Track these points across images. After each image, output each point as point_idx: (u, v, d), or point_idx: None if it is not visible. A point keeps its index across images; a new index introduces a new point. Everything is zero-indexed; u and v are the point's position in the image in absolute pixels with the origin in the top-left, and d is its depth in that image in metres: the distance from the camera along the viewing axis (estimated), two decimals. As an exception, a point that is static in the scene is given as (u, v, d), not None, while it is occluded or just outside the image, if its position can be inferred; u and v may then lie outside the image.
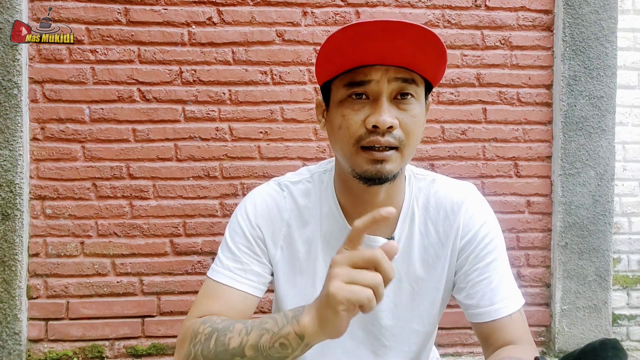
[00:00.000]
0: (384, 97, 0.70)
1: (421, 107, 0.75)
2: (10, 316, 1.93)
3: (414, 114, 0.72)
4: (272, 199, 0.85)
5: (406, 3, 2.12)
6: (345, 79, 0.73)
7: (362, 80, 0.71)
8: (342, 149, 0.75)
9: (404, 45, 0.68)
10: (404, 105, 0.72)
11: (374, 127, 0.69)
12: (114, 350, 2.02)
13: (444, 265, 0.83)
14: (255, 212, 0.84)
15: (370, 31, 0.67)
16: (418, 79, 0.73)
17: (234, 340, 0.64)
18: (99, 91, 2.01)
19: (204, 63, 2.05)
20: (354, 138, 0.71)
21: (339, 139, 0.74)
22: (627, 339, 2.31)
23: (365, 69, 0.71)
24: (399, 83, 0.71)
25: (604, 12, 2.15)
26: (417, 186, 0.85)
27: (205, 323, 0.71)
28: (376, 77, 0.70)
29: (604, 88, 2.16)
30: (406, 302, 0.83)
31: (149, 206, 2.03)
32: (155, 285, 2.03)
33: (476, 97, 2.16)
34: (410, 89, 0.72)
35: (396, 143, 0.70)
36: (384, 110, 0.69)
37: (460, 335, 2.16)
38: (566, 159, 2.15)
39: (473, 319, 0.81)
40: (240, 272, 0.80)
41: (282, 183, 0.87)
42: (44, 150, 1.99)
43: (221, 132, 2.06)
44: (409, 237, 0.83)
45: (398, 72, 0.71)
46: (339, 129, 0.74)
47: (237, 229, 0.83)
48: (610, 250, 2.17)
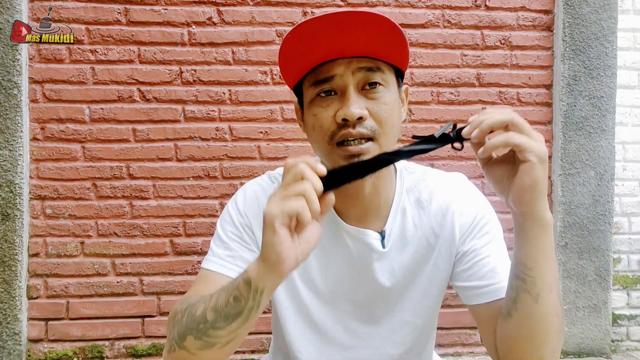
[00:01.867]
0: (350, 89, 0.70)
1: (392, 94, 0.74)
2: (10, 316, 1.93)
3: (385, 102, 0.72)
4: (262, 189, 0.85)
5: (406, 3, 2.12)
6: (311, 78, 0.73)
7: (326, 77, 0.71)
8: (319, 149, 0.75)
9: (359, 35, 0.67)
10: (372, 94, 0.71)
11: (344, 120, 0.69)
12: (114, 350, 2.02)
13: (437, 256, 0.83)
14: (244, 201, 0.84)
15: (321, 26, 0.67)
16: (384, 66, 0.73)
17: (199, 308, 0.65)
18: (99, 91, 2.01)
19: (204, 63, 2.05)
20: (327, 135, 0.71)
21: (314, 139, 0.75)
22: (627, 339, 2.31)
23: (327, 65, 0.71)
24: (363, 73, 0.71)
25: (604, 12, 2.15)
26: (409, 179, 0.85)
27: (182, 303, 0.72)
28: (339, 71, 0.70)
29: (604, 88, 2.16)
30: (399, 292, 0.84)
31: (149, 206, 2.03)
32: (155, 285, 2.03)
33: (476, 97, 2.16)
34: (377, 77, 0.71)
35: (369, 133, 0.70)
36: (351, 102, 0.69)
37: (460, 335, 2.16)
38: (566, 159, 2.15)
39: (472, 301, 0.79)
40: (229, 259, 0.81)
41: (273, 175, 0.88)
42: (44, 150, 1.99)
43: (221, 132, 2.06)
44: (401, 230, 0.83)
45: (361, 62, 0.70)
46: (312, 129, 0.74)
47: (227, 218, 0.84)
48: (610, 250, 2.17)
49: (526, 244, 0.63)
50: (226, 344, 0.62)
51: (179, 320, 0.69)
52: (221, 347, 0.63)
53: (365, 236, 0.80)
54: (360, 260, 0.82)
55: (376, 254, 0.81)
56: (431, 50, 2.14)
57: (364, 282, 0.83)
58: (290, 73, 0.76)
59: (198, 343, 0.63)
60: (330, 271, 0.82)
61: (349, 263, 0.82)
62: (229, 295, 0.60)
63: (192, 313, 0.66)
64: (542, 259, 0.63)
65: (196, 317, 0.64)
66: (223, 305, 0.61)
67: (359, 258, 0.82)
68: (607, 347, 2.18)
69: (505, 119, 0.60)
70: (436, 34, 2.13)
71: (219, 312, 0.61)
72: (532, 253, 0.63)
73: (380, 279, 0.82)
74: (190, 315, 0.66)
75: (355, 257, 0.82)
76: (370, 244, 0.80)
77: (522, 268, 0.64)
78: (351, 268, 0.82)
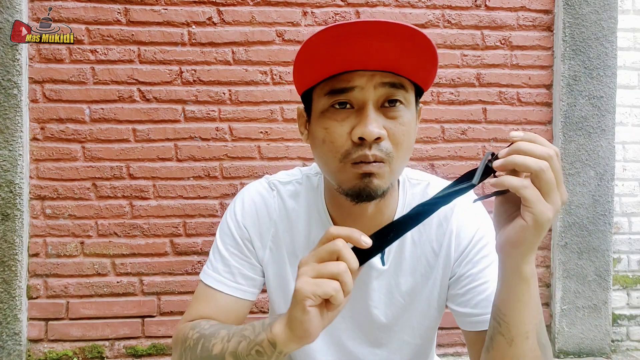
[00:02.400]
0: (369, 105, 0.64)
1: (411, 115, 0.68)
2: (10, 316, 1.93)
3: (403, 122, 0.66)
4: (261, 198, 0.83)
5: (406, 3, 2.12)
6: (326, 87, 0.66)
7: (344, 87, 0.64)
8: (326, 165, 0.69)
9: (390, 48, 0.61)
10: (392, 113, 0.65)
11: (361, 139, 0.63)
12: (114, 350, 2.02)
13: (436, 276, 0.80)
14: (243, 212, 0.82)
15: (352, 33, 0.60)
16: (407, 83, 0.67)
17: (216, 346, 0.64)
18: (99, 91, 2.01)
19: (204, 63, 2.05)
20: (340, 153, 0.65)
21: (323, 153, 0.68)
22: (627, 339, 2.31)
23: (347, 74, 0.64)
24: (386, 89, 0.64)
25: (604, 12, 2.15)
26: (412, 192, 0.81)
27: (194, 328, 0.71)
28: (360, 83, 0.64)
29: (604, 88, 2.16)
30: (397, 314, 0.81)
31: (149, 206, 2.03)
32: (155, 285, 2.03)
33: (476, 97, 2.16)
34: (399, 95, 0.65)
35: (383, 157, 0.64)
36: (370, 120, 0.62)
37: (460, 335, 2.16)
38: (566, 159, 2.15)
39: (466, 327, 0.77)
40: (229, 276, 0.80)
41: (272, 182, 0.85)
42: (44, 150, 1.99)
43: (221, 132, 2.06)
44: (401, 247, 0.79)
45: (384, 77, 0.64)
46: (322, 143, 0.67)
47: (225, 229, 0.82)
48: (610, 250, 2.17)
49: (502, 290, 0.61)
50: None
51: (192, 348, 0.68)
52: None
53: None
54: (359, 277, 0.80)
55: (376, 272, 0.79)
56: (431, 50, 2.14)
57: (362, 301, 0.80)
58: (305, 77, 0.69)
59: None
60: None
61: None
62: (250, 347, 0.60)
63: (207, 349, 0.66)
64: (517, 308, 0.60)
65: (213, 356, 0.64)
66: (244, 354, 0.61)
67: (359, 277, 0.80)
68: (607, 347, 2.18)
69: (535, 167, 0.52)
70: (436, 34, 2.13)
71: (238, 358, 0.61)
72: (508, 300, 0.60)
73: (378, 298, 0.80)
74: (206, 350, 0.66)
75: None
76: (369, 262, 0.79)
77: (498, 312, 0.62)
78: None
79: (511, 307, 0.60)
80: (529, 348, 0.61)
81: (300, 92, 0.73)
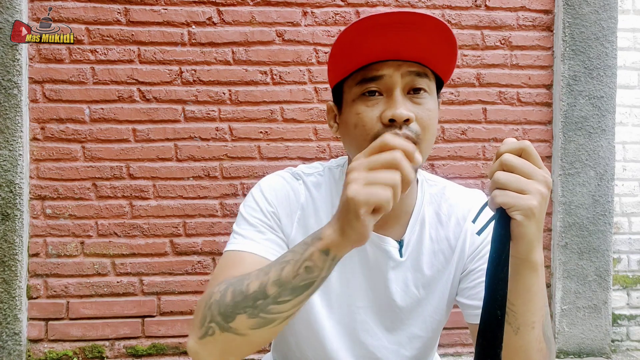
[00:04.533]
0: (397, 90, 0.69)
1: (434, 102, 0.73)
2: (10, 316, 1.93)
3: (429, 108, 0.71)
4: (288, 183, 0.83)
5: (406, 3, 2.12)
6: (357, 77, 0.71)
7: (374, 76, 0.70)
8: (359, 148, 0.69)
9: (418, 39, 0.67)
10: (417, 99, 0.70)
11: (391, 120, 0.67)
12: (114, 350, 2.02)
13: (451, 270, 0.82)
14: (270, 190, 0.82)
15: (385, 24, 0.65)
16: (430, 73, 0.72)
17: (252, 284, 0.61)
18: (99, 91, 2.01)
19: (204, 63, 2.05)
20: (370, 135, 0.69)
21: (354, 138, 0.72)
22: (627, 339, 2.31)
23: (377, 64, 0.70)
24: (412, 77, 0.70)
25: (604, 12, 2.15)
26: (429, 192, 0.85)
27: (220, 285, 0.67)
28: (389, 71, 0.69)
29: (604, 88, 2.16)
30: (411, 307, 0.82)
31: (149, 206, 2.03)
32: (155, 285, 2.03)
33: (476, 97, 2.16)
34: (423, 83, 0.71)
35: (413, 137, 0.68)
36: (399, 103, 0.68)
37: (460, 335, 2.16)
38: (566, 159, 2.15)
39: (470, 319, 0.80)
40: (263, 241, 0.77)
41: (296, 173, 0.86)
42: (44, 150, 1.99)
43: (221, 132, 2.06)
44: (419, 241, 0.82)
45: (411, 67, 0.70)
46: (354, 128, 0.72)
47: (253, 205, 0.81)
48: (610, 250, 2.17)
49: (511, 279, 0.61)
50: (286, 319, 0.60)
51: (219, 300, 0.63)
52: (279, 323, 0.60)
53: (384, 243, 0.79)
54: (376, 266, 0.80)
55: (393, 262, 0.80)
56: (431, 50, 2.14)
57: (378, 290, 0.81)
58: (337, 69, 0.74)
59: (252, 321, 0.60)
60: (345, 275, 0.81)
61: (366, 269, 0.81)
62: (297, 267, 0.58)
63: (241, 291, 0.61)
64: (525, 297, 0.61)
65: (250, 294, 0.60)
66: (290, 277, 0.58)
67: (376, 265, 0.80)
68: (607, 347, 2.18)
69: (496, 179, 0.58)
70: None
71: (284, 285, 0.58)
72: (515, 289, 0.61)
73: (394, 289, 0.81)
74: (240, 293, 0.61)
75: (372, 263, 0.80)
76: (388, 252, 0.79)
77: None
78: (367, 274, 0.81)
79: (520, 296, 0.61)
80: (535, 338, 0.63)
81: (333, 84, 0.78)
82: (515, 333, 0.63)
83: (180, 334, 2.04)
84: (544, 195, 0.56)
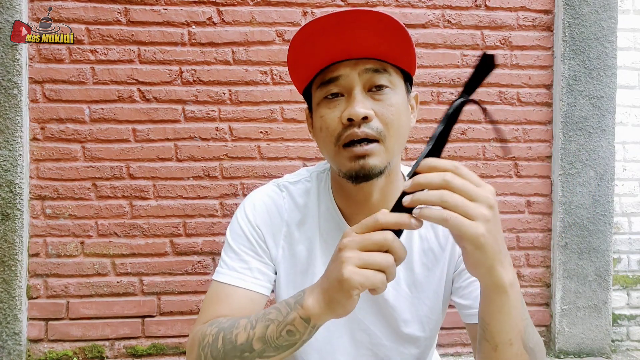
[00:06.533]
0: (356, 89, 0.69)
1: (400, 97, 0.73)
2: (10, 316, 1.93)
3: (391, 103, 0.71)
4: (271, 200, 0.84)
5: (406, 3, 2.12)
6: (318, 80, 0.73)
7: (331, 77, 0.70)
8: (326, 150, 0.74)
9: (365, 35, 0.67)
10: (379, 96, 0.71)
11: (349, 120, 0.68)
12: (114, 350, 2.02)
13: (442, 269, 0.82)
14: (254, 213, 0.83)
15: (325, 26, 0.66)
16: (391, 68, 0.72)
17: (240, 335, 0.63)
18: (99, 91, 2.01)
19: (204, 63, 2.05)
20: (333, 137, 0.71)
21: (321, 140, 0.74)
22: (627, 339, 2.31)
23: (334, 66, 0.71)
24: (370, 74, 0.70)
25: (604, 12, 2.15)
26: None
27: (211, 325, 0.70)
28: (345, 72, 0.70)
29: (604, 88, 2.16)
30: (405, 306, 0.82)
31: (149, 206, 2.03)
32: (155, 285, 2.03)
33: (476, 97, 2.16)
34: (383, 79, 0.71)
35: (375, 134, 0.68)
36: (356, 102, 0.68)
37: (460, 335, 2.16)
38: (566, 159, 2.15)
39: (466, 319, 0.80)
40: (247, 271, 0.79)
41: (281, 184, 0.86)
42: (44, 150, 1.99)
43: (221, 132, 2.06)
44: (408, 241, 0.81)
45: (367, 63, 0.70)
46: (320, 131, 0.73)
47: (238, 230, 0.83)
48: (610, 250, 2.17)
49: (483, 301, 0.61)
50: None
51: (211, 344, 0.67)
52: None
53: None
54: None
55: None
56: (431, 50, 2.14)
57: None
58: (298, 76, 0.76)
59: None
60: None
61: None
62: (280, 329, 0.60)
63: (230, 340, 0.64)
64: (499, 317, 0.60)
65: (238, 346, 0.63)
66: (274, 337, 0.60)
67: None
68: (607, 347, 2.18)
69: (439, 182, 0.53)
70: (436, 34, 2.13)
71: (268, 343, 0.61)
72: (488, 311, 0.60)
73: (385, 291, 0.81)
74: (229, 342, 0.64)
75: None
76: None
77: (481, 320, 0.63)
78: None
79: (493, 317, 0.60)
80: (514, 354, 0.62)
81: (300, 90, 0.79)
82: (494, 350, 0.62)
83: (180, 334, 2.04)
84: (490, 218, 0.52)
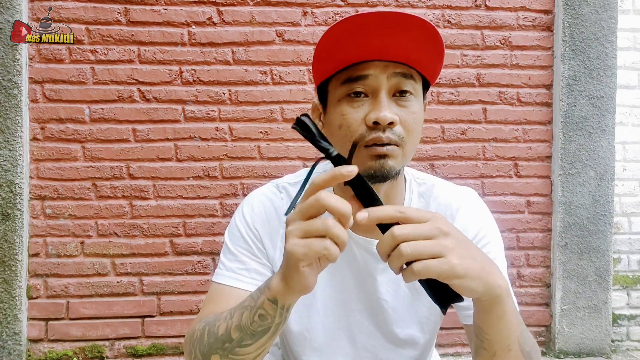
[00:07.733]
0: (383, 92, 0.68)
1: (420, 105, 0.73)
2: (10, 316, 1.93)
3: (414, 111, 0.71)
4: (269, 201, 0.84)
5: (406, 3, 2.12)
6: (343, 76, 0.70)
7: (360, 75, 0.69)
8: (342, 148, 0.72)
9: (404, 39, 0.66)
10: (402, 102, 0.70)
11: (375, 123, 0.67)
12: (114, 350, 2.02)
13: None
14: (252, 214, 0.83)
15: (370, 23, 0.65)
16: (416, 75, 0.72)
17: (221, 327, 0.64)
18: (99, 91, 2.01)
19: (204, 63, 2.05)
20: (354, 137, 0.69)
21: (338, 139, 0.72)
22: (627, 339, 2.31)
23: (363, 64, 0.69)
24: (398, 79, 0.69)
25: (604, 12, 2.15)
26: (418, 191, 0.84)
27: (201, 322, 0.71)
28: (374, 72, 0.68)
29: (604, 88, 2.16)
30: (404, 308, 0.82)
31: (149, 206, 2.03)
32: (155, 285, 2.03)
33: (476, 97, 2.16)
34: (409, 85, 0.70)
35: (397, 140, 0.68)
36: (384, 106, 0.67)
37: (460, 335, 2.16)
38: (566, 159, 2.15)
39: (467, 320, 0.79)
40: (244, 272, 0.79)
41: (280, 185, 0.86)
42: (44, 150, 1.99)
43: (221, 132, 2.06)
44: None
45: (397, 68, 0.69)
46: (338, 129, 0.71)
47: (235, 232, 0.83)
48: (610, 250, 2.17)
49: (479, 311, 0.60)
50: (254, 358, 0.63)
51: (199, 339, 0.68)
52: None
53: (372, 246, 0.78)
54: (365, 269, 0.80)
55: (382, 265, 0.80)
56: (431, 50, 2.14)
57: (369, 292, 0.81)
58: (324, 66, 0.73)
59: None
60: (335, 279, 0.81)
61: (355, 272, 0.81)
62: (252, 314, 0.60)
63: (213, 332, 0.65)
64: (496, 325, 0.60)
65: (219, 337, 0.63)
66: (248, 323, 0.60)
67: (365, 268, 0.80)
68: (607, 347, 2.18)
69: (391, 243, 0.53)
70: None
71: (244, 330, 0.61)
72: (486, 319, 0.60)
73: (384, 290, 0.81)
74: (212, 334, 0.65)
75: (361, 266, 0.80)
76: (376, 254, 0.78)
77: (479, 330, 0.62)
78: (357, 277, 0.81)
79: (491, 326, 0.60)
80: (512, 358, 0.62)
81: (318, 82, 0.77)
82: (492, 357, 0.62)
83: (180, 334, 2.04)
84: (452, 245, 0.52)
